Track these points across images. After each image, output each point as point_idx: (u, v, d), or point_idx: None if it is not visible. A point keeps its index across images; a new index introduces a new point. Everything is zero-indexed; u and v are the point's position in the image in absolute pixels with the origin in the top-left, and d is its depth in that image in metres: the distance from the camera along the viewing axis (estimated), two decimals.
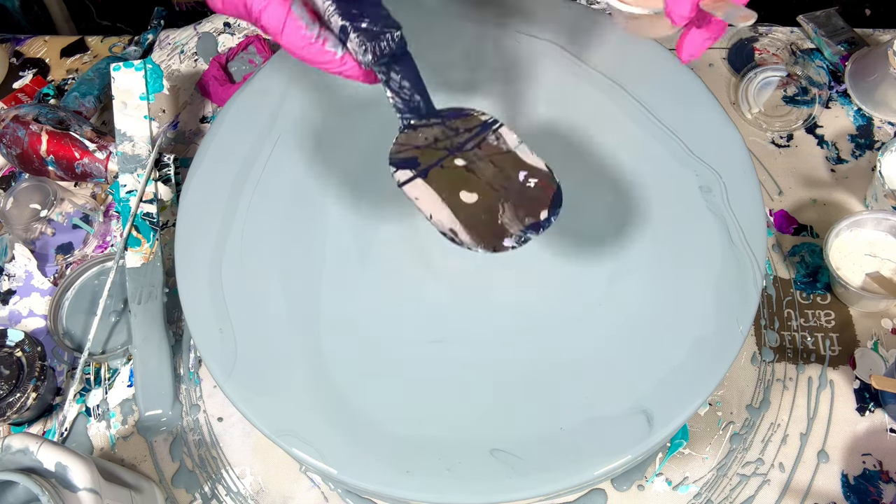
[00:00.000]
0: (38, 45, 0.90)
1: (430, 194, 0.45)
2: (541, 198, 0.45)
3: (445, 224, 0.44)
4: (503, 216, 0.44)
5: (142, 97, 0.73)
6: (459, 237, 0.44)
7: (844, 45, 0.77)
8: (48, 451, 0.51)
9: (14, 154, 0.72)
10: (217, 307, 0.54)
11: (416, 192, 0.45)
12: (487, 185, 0.45)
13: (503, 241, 0.44)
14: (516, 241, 0.44)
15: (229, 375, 0.52)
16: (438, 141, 0.47)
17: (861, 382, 0.61)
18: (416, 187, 0.45)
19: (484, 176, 0.46)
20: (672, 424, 0.48)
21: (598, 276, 0.54)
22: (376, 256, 0.56)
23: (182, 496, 0.61)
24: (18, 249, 0.73)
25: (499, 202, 0.45)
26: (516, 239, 0.44)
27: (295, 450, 0.49)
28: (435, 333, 0.53)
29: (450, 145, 0.47)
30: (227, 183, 0.59)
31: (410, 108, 0.47)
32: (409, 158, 0.46)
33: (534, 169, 0.46)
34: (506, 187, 0.45)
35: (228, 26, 0.86)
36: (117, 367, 0.67)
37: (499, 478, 0.47)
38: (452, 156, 0.46)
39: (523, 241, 0.44)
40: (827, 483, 0.58)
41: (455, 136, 0.47)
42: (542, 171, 0.46)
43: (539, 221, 0.44)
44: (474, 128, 0.47)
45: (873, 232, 0.64)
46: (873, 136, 0.73)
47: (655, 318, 0.52)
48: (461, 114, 0.48)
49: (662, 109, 0.59)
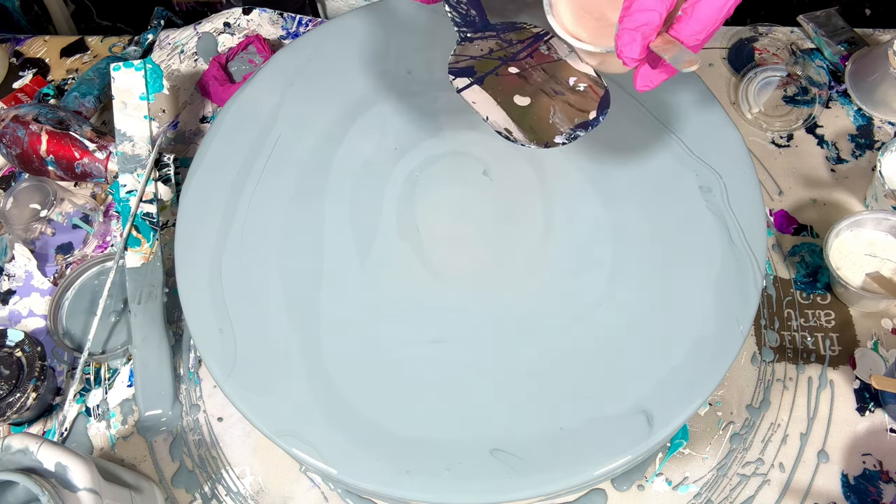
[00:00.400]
0: (37, 45, 0.90)
1: (486, 98, 0.48)
2: (589, 100, 0.48)
3: (500, 124, 0.47)
4: (554, 116, 0.48)
5: (142, 97, 0.73)
6: (514, 135, 0.47)
7: (844, 44, 0.77)
8: (48, 451, 0.51)
9: (14, 154, 0.72)
10: (217, 307, 0.54)
11: (474, 96, 0.48)
12: (539, 89, 0.49)
13: (554, 138, 0.47)
14: (566, 137, 0.47)
15: (229, 375, 0.52)
16: (493, 52, 0.50)
17: (861, 382, 0.61)
18: (473, 92, 0.49)
19: (536, 82, 0.49)
20: (672, 424, 0.48)
21: (598, 276, 0.54)
22: (376, 256, 0.56)
23: (182, 496, 0.61)
24: (18, 249, 0.73)
25: (550, 104, 0.48)
26: (566, 136, 0.47)
27: (295, 450, 0.49)
28: (435, 333, 0.53)
29: (504, 55, 0.50)
30: (227, 183, 0.59)
31: (467, 21, 0.51)
32: (466, 67, 0.50)
33: (583, 74, 0.49)
34: (557, 91, 0.48)
35: (228, 26, 0.86)
36: (117, 367, 0.67)
37: (499, 478, 0.47)
38: (506, 64, 0.50)
39: (573, 137, 0.47)
40: (827, 483, 0.58)
41: (509, 46, 0.51)
42: (590, 76, 0.49)
43: (588, 121, 0.48)
44: (527, 39, 0.51)
45: (873, 232, 0.64)
46: (873, 136, 0.73)
47: (655, 318, 0.52)
48: (514, 27, 0.52)
49: (662, 109, 0.59)
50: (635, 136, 0.59)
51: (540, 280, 0.54)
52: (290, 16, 0.87)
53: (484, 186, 0.58)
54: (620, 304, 0.52)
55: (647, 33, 0.42)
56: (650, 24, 0.42)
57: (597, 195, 0.57)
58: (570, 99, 0.48)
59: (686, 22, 0.42)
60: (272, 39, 0.86)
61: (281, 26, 0.87)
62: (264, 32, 0.86)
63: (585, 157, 0.58)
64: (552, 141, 0.47)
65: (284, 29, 0.87)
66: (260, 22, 0.87)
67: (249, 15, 0.87)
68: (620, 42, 0.43)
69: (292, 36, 0.86)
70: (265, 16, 0.87)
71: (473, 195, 0.58)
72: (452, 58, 0.50)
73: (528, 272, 0.54)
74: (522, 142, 0.47)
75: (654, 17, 0.42)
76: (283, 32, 0.86)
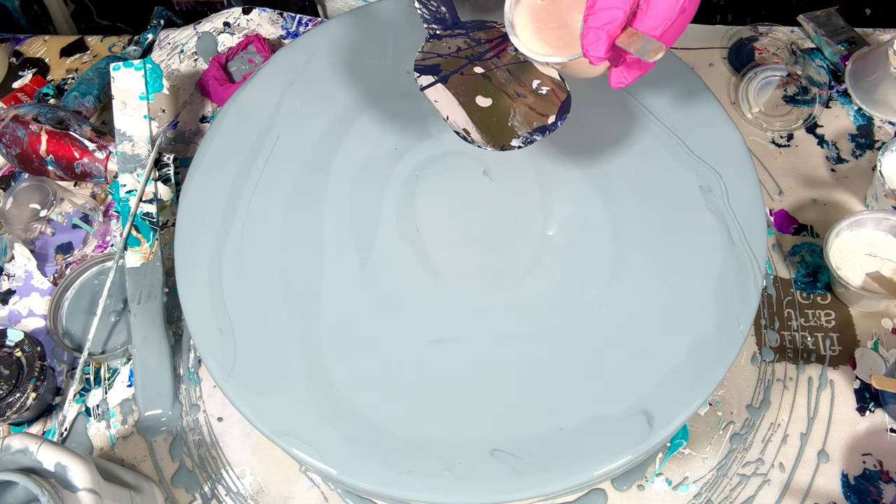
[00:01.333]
0: (37, 45, 0.90)
1: (448, 98, 0.49)
2: (550, 104, 0.48)
3: (459, 124, 0.48)
4: (513, 119, 0.48)
5: (141, 97, 0.73)
6: (471, 136, 0.47)
7: (845, 44, 0.77)
8: (48, 451, 0.51)
9: (13, 154, 0.72)
10: (217, 307, 0.54)
11: (436, 95, 0.49)
12: (502, 91, 0.49)
13: (511, 142, 0.47)
14: (522, 141, 0.47)
15: (229, 375, 0.52)
16: (461, 50, 0.50)
17: (861, 382, 0.61)
18: (436, 91, 0.49)
19: (500, 83, 0.49)
20: (672, 424, 0.48)
21: (598, 276, 0.54)
22: (376, 256, 0.56)
23: (182, 496, 0.61)
24: (18, 249, 0.73)
25: (511, 107, 0.48)
26: (523, 140, 0.47)
27: (294, 450, 0.49)
28: (435, 333, 0.53)
29: (471, 54, 0.50)
30: (226, 183, 0.59)
31: (436, 18, 0.51)
32: (432, 65, 0.50)
33: (547, 78, 0.49)
34: (519, 94, 0.49)
35: (228, 26, 0.86)
36: (117, 367, 0.67)
37: (499, 478, 0.47)
38: (472, 64, 0.50)
39: (529, 141, 0.47)
40: (827, 483, 0.58)
41: (476, 46, 0.51)
42: (554, 80, 0.49)
43: (546, 125, 0.48)
44: (495, 39, 0.51)
45: (873, 232, 0.64)
46: (873, 136, 0.73)
47: (655, 318, 0.52)
48: (483, 25, 0.51)
49: (662, 109, 0.59)
50: (635, 136, 0.59)
51: (540, 280, 0.54)
52: (289, 15, 0.87)
53: (484, 186, 0.58)
54: (620, 304, 0.52)
55: (611, 31, 0.43)
56: (614, 21, 0.42)
57: (597, 195, 0.57)
58: (531, 102, 0.48)
59: (642, 18, 0.43)
60: (272, 39, 0.86)
61: (281, 26, 0.87)
62: (264, 32, 0.86)
63: (585, 157, 0.58)
64: (508, 144, 0.47)
65: (284, 29, 0.87)
66: (260, 22, 0.87)
67: (249, 15, 0.87)
68: (586, 41, 0.43)
69: (292, 36, 0.86)
70: (265, 15, 0.87)
71: (473, 195, 0.58)
72: (419, 55, 0.50)
73: (528, 272, 0.54)
74: (479, 143, 0.47)
75: (619, 14, 0.42)
76: (283, 32, 0.86)
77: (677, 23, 0.44)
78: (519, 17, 0.49)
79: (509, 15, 0.49)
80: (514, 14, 0.49)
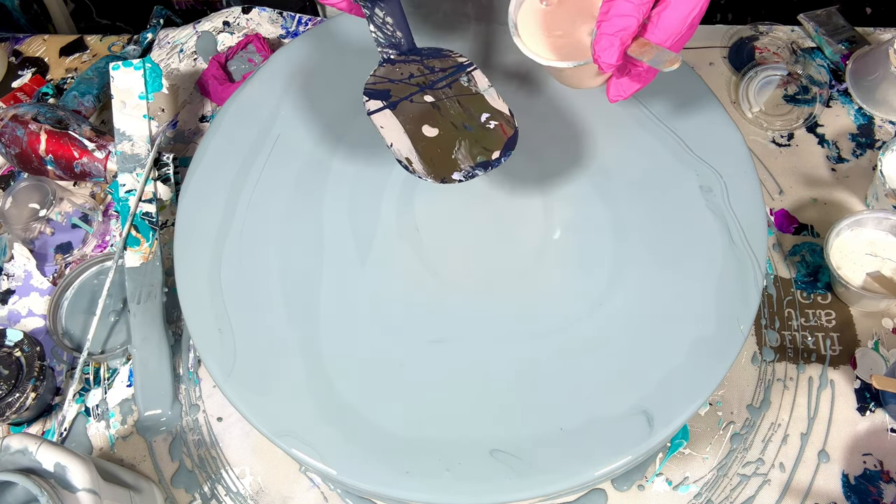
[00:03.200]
0: (37, 44, 0.90)
1: (394, 125, 0.48)
2: (496, 139, 0.48)
3: (403, 153, 0.47)
4: (458, 152, 0.47)
5: (141, 96, 0.73)
6: (413, 166, 0.47)
7: (845, 43, 0.77)
8: (47, 451, 0.51)
9: (13, 153, 0.72)
10: (216, 307, 0.54)
11: (383, 121, 0.48)
12: (450, 122, 0.48)
13: (452, 174, 0.47)
14: (464, 175, 0.47)
15: (228, 375, 0.51)
16: (413, 77, 0.50)
17: (862, 382, 0.61)
18: (383, 117, 0.48)
19: (448, 114, 0.49)
20: (672, 425, 0.48)
21: (598, 276, 0.54)
22: (376, 256, 0.56)
23: (181, 496, 0.61)
24: (17, 249, 0.73)
25: (456, 139, 0.48)
26: (464, 174, 0.47)
27: (294, 450, 0.49)
28: (435, 333, 0.52)
29: (423, 82, 0.50)
30: (226, 182, 0.59)
31: (391, 43, 0.51)
32: (382, 90, 0.49)
33: (497, 112, 0.49)
34: (466, 126, 0.48)
35: (228, 25, 0.86)
36: (117, 367, 0.67)
37: (499, 478, 0.47)
38: (423, 92, 0.49)
39: (470, 176, 0.47)
40: (827, 483, 0.58)
41: (430, 74, 0.50)
42: (503, 114, 0.49)
43: (489, 160, 0.47)
44: (449, 68, 0.50)
45: (874, 231, 0.64)
46: (874, 135, 0.73)
47: (655, 318, 0.52)
48: (440, 54, 0.51)
49: (662, 108, 0.59)
50: (635, 136, 0.58)
51: (540, 280, 0.54)
52: (289, 15, 0.87)
53: (484, 186, 0.58)
54: (620, 304, 0.52)
55: (624, 38, 0.43)
56: (628, 28, 0.42)
57: (597, 195, 0.56)
58: (477, 136, 0.48)
59: (652, 30, 0.43)
60: (272, 38, 0.85)
61: (280, 25, 0.87)
62: (264, 31, 0.86)
63: (586, 157, 0.58)
64: (449, 177, 0.47)
65: (284, 28, 0.86)
66: (259, 21, 0.86)
67: (249, 14, 0.87)
68: (598, 47, 0.43)
69: (292, 35, 0.86)
70: (265, 15, 0.87)
71: (473, 195, 0.58)
72: (371, 79, 0.50)
73: (528, 272, 0.54)
74: (420, 174, 0.47)
75: (632, 22, 0.42)
76: (283, 31, 0.86)
77: (684, 36, 0.44)
78: (522, 19, 0.49)
79: (513, 15, 0.49)
80: (517, 15, 0.49)
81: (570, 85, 0.50)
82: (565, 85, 0.51)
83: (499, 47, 0.63)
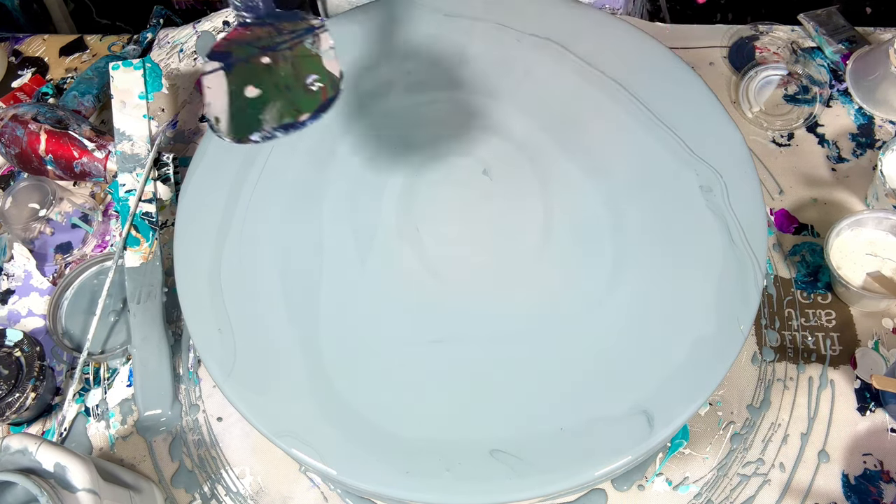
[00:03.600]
0: (37, 44, 0.90)
1: (220, 85, 0.47)
2: (312, 101, 0.47)
3: (215, 112, 0.46)
4: (267, 113, 0.46)
5: (141, 96, 0.73)
6: (218, 126, 0.46)
7: (845, 43, 0.77)
8: (47, 451, 0.51)
9: (13, 153, 0.72)
10: (216, 307, 0.54)
11: (212, 82, 0.47)
12: (275, 83, 0.47)
13: (251, 135, 0.46)
14: (262, 136, 0.46)
15: (228, 375, 0.51)
16: (260, 39, 0.49)
17: (862, 382, 0.61)
18: (213, 78, 0.47)
19: (277, 76, 0.48)
20: (672, 425, 0.48)
21: (598, 276, 0.53)
22: (376, 256, 0.56)
23: (181, 496, 0.61)
24: (17, 249, 0.73)
25: (274, 99, 0.47)
26: (262, 135, 0.46)
27: (294, 450, 0.49)
28: (434, 333, 0.52)
29: (266, 44, 0.49)
30: (226, 182, 0.59)
31: (248, 6, 0.49)
32: (224, 52, 0.48)
33: (326, 73, 0.48)
34: (287, 87, 0.47)
35: (227, 25, 0.86)
36: (116, 367, 0.67)
37: (499, 478, 0.47)
38: (263, 54, 0.48)
39: (269, 137, 0.46)
40: (827, 483, 0.58)
41: (278, 35, 0.49)
42: (332, 77, 0.48)
43: (295, 122, 0.46)
44: (299, 30, 0.49)
45: (874, 231, 0.64)
46: (874, 135, 0.73)
47: (655, 318, 0.52)
48: (295, 17, 0.50)
49: (663, 108, 0.59)
50: (636, 136, 0.58)
51: (539, 280, 0.54)
52: None
53: (484, 186, 0.58)
54: (620, 304, 0.52)
55: None
56: None
57: (597, 195, 0.56)
58: (294, 96, 0.47)
59: None
60: None
61: None
62: None
63: (586, 157, 0.58)
64: (246, 137, 0.46)
65: None
66: None
67: None
68: None
69: None
70: None
71: (473, 195, 0.58)
72: (220, 42, 0.49)
73: (528, 272, 0.54)
74: (220, 134, 0.46)
75: None
76: None
77: None
78: None
79: None
80: None
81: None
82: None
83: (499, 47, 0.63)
